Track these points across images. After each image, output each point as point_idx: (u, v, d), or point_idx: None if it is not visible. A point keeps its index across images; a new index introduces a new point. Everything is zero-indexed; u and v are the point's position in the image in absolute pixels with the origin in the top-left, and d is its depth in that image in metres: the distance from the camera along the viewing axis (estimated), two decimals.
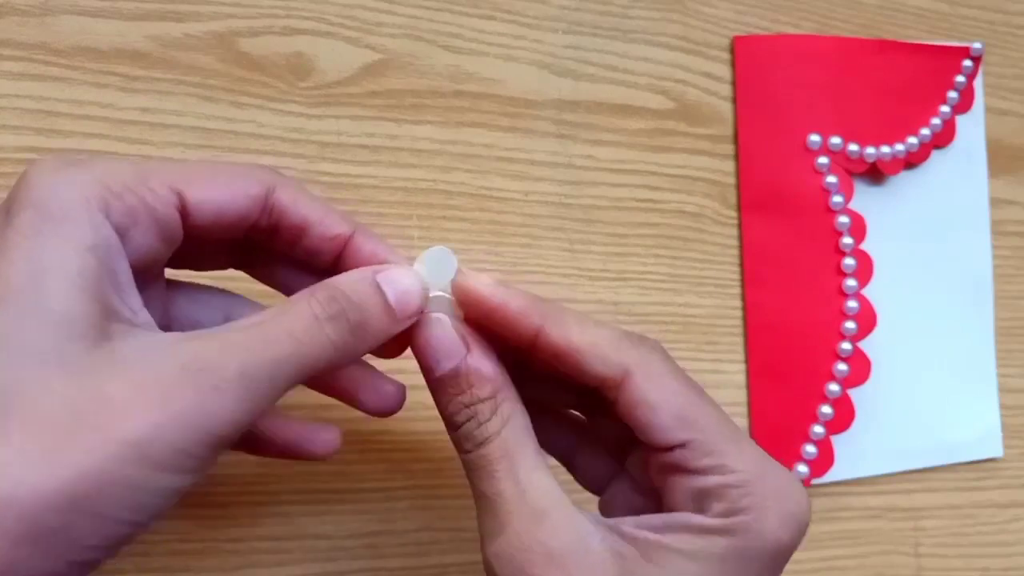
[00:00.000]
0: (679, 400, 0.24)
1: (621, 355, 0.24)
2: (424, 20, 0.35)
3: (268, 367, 0.21)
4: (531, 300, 0.25)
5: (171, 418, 0.20)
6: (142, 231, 0.22)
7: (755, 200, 0.39)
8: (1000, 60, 0.44)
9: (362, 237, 0.26)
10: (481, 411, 0.24)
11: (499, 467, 0.24)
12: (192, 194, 0.23)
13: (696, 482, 0.24)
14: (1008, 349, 0.43)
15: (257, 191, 0.24)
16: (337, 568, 0.33)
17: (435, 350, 0.25)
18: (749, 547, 0.23)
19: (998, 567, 0.42)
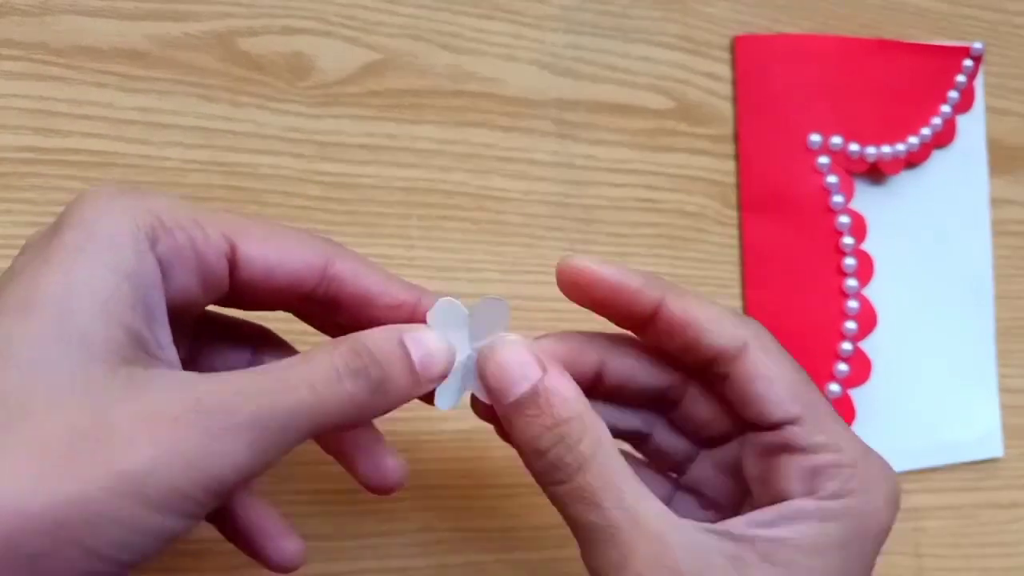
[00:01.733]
0: (792, 376, 0.24)
1: (739, 328, 0.24)
2: (424, 20, 0.35)
3: (282, 416, 0.20)
4: (648, 275, 0.24)
5: (174, 456, 0.19)
6: (186, 271, 0.22)
7: (755, 200, 0.39)
8: (1000, 60, 0.44)
9: (426, 301, 0.25)
10: (569, 433, 0.23)
11: (605, 496, 0.22)
12: (245, 247, 0.23)
13: (808, 460, 0.23)
14: (1008, 349, 0.43)
15: (314, 260, 0.24)
16: (337, 568, 0.33)
17: (506, 372, 0.23)
18: (863, 529, 0.23)
19: (998, 567, 0.42)
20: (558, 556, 0.35)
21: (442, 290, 0.34)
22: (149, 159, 0.32)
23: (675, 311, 0.24)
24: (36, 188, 0.31)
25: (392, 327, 0.23)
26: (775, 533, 0.23)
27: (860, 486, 0.23)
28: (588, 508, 0.22)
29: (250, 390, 0.20)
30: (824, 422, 0.24)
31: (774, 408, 0.24)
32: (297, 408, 0.21)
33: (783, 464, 0.24)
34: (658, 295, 0.24)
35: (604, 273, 0.24)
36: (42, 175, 0.31)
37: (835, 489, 0.23)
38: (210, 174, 0.32)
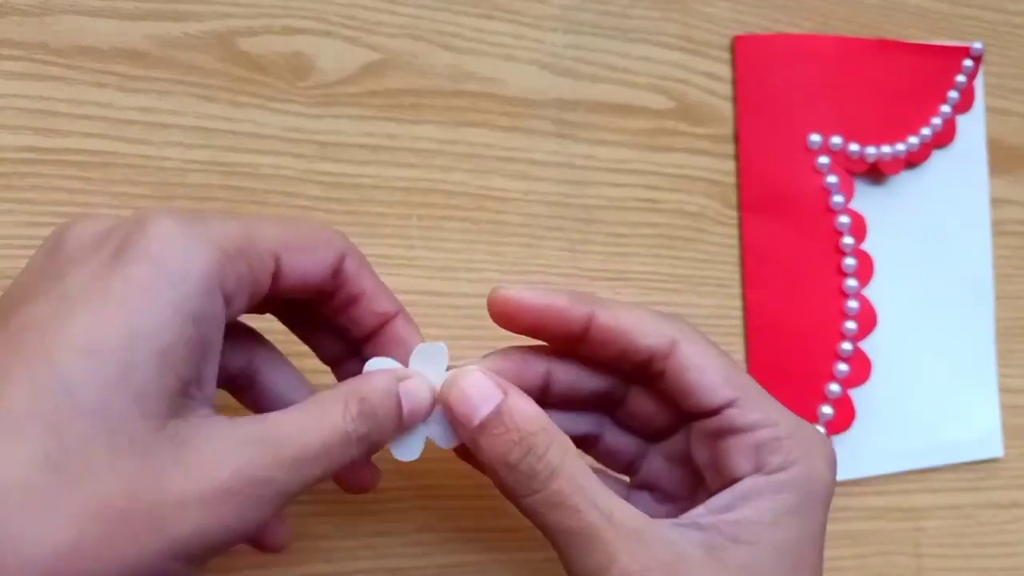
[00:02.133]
0: (722, 363, 0.26)
1: (666, 327, 0.26)
2: (424, 20, 0.35)
3: (303, 483, 0.22)
4: (574, 292, 0.26)
5: (218, 522, 0.20)
6: (243, 298, 0.23)
7: (755, 200, 0.39)
8: (1000, 60, 0.44)
9: (402, 321, 0.26)
10: (536, 444, 0.24)
11: (580, 500, 0.23)
12: (287, 260, 0.23)
13: (750, 439, 0.25)
14: (1008, 349, 0.43)
15: (334, 260, 0.25)
16: (337, 568, 0.33)
17: (470, 397, 0.24)
18: (811, 493, 0.24)
19: (998, 567, 0.42)
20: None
21: (442, 290, 0.35)
22: (149, 159, 0.32)
23: (605, 321, 0.25)
24: (36, 188, 0.31)
25: (389, 374, 0.25)
26: (737, 515, 0.24)
27: (801, 455, 0.25)
28: (566, 514, 0.23)
29: (281, 460, 0.21)
30: (758, 401, 0.25)
31: (711, 394, 0.25)
32: (315, 475, 0.22)
33: (728, 446, 0.25)
34: (587, 310, 0.25)
35: (530, 299, 0.25)
36: (42, 175, 0.31)
37: (779, 462, 0.24)
38: (210, 174, 0.32)
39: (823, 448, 0.25)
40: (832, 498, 0.25)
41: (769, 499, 0.24)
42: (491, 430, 0.24)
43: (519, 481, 0.24)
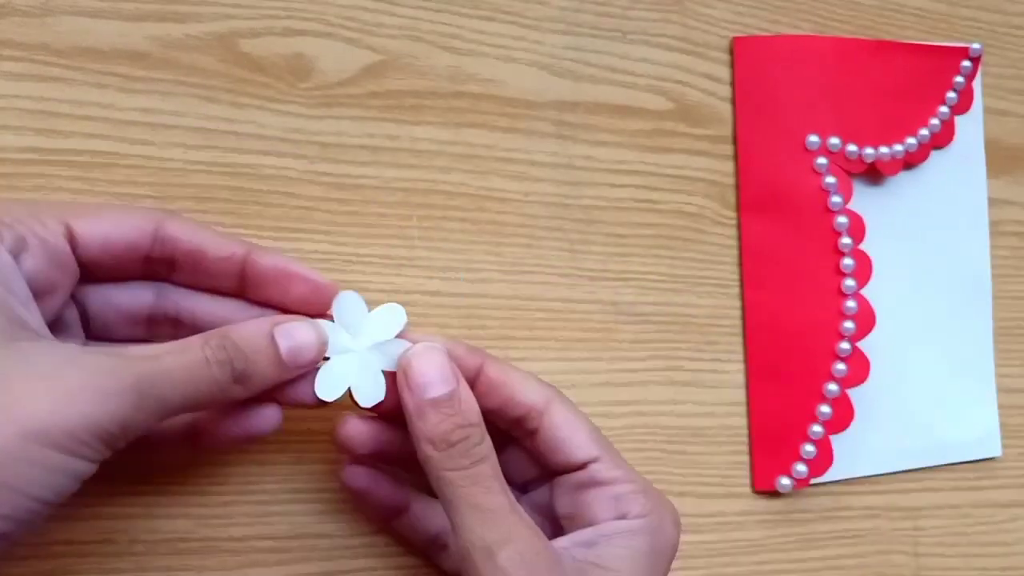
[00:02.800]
0: (588, 424, 0.30)
1: (544, 388, 0.30)
2: (424, 21, 0.35)
3: (159, 389, 0.24)
4: (469, 346, 0.30)
5: (70, 409, 0.22)
6: (34, 256, 0.25)
7: (754, 200, 0.39)
8: (999, 61, 0.44)
9: (257, 254, 0.28)
10: (474, 434, 0.27)
11: (495, 483, 0.27)
12: (79, 225, 0.26)
13: (612, 490, 0.29)
14: (1007, 349, 0.43)
15: (144, 224, 0.27)
16: (337, 568, 0.33)
17: (431, 373, 0.28)
18: (660, 541, 0.28)
19: (997, 567, 0.42)
20: None
21: (442, 290, 0.35)
22: (150, 160, 0.32)
23: (494, 374, 0.29)
24: (38, 189, 0.31)
25: (265, 320, 0.27)
26: (600, 549, 0.28)
27: (653, 508, 0.29)
28: (480, 490, 0.27)
29: (133, 364, 0.24)
30: (617, 460, 0.30)
31: (578, 450, 0.29)
32: (172, 385, 0.25)
33: (591, 496, 0.29)
34: (479, 361, 0.29)
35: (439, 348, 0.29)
36: (44, 175, 0.31)
37: (637, 511, 0.29)
38: (212, 175, 0.33)
39: (671, 509, 0.30)
40: (675, 552, 0.29)
41: (628, 539, 0.28)
42: (441, 408, 0.27)
43: (450, 456, 0.27)
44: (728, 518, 0.38)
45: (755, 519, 0.38)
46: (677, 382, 0.38)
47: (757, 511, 0.38)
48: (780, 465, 0.38)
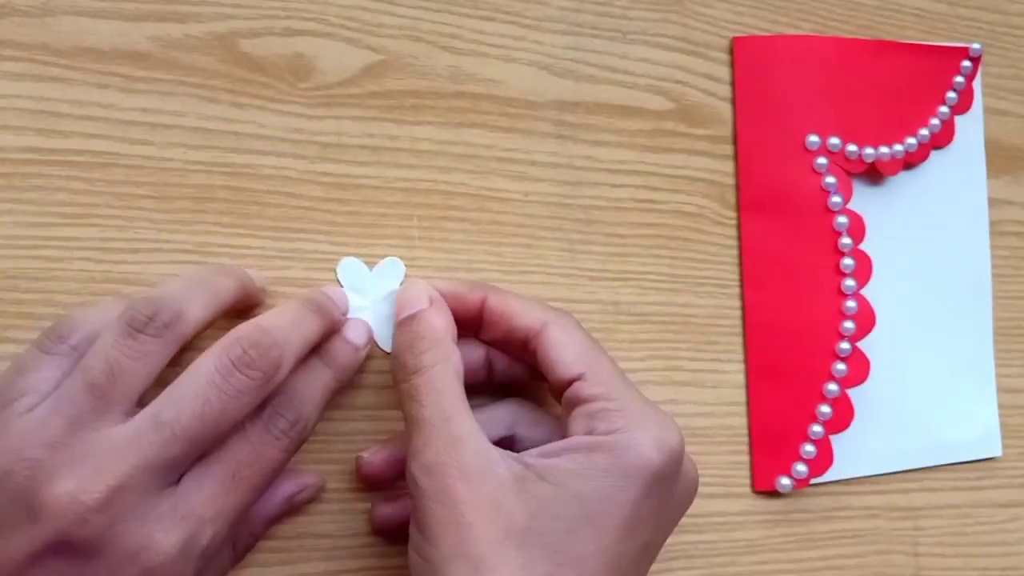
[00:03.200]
0: (580, 346, 0.30)
1: (542, 311, 0.31)
2: (424, 21, 0.35)
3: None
4: (473, 282, 0.32)
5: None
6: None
7: (754, 200, 0.39)
8: (999, 61, 0.44)
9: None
10: (418, 344, 0.29)
11: (427, 398, 0.28)
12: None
13: (587, 408, 0.29)
14: (1007, 349, 0.43)
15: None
16: (337, 567, 0.33)
17: (404, 299, 0.31)
18: (626, 463, 0.27)
19: (997, 567, 0.42)
20: None
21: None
22: (151, 160, 0.32)
23: (495, 302, 0.31)
24: (38, 189, 0.31)
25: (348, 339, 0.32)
26: (553, 461, 0.27)
27: (626, 427, 0.28)
28: (412, 404, 0.28)
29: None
30: (605, 380, 0.29)
31: (563, 369, 0.30)
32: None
33: (572, 414, 0.29)
34: (482, 293, 0.32)
35: (440, 287, 0.32)
36: (44, 175, 0.31)
37: (604, 428, 0.28)
38: (212, 175, 0.33)
39: (657, 431, 0.28)
40: (662, 484, 0.28)
41: (584, 454, 0.27)
42: (403, 327, 0.30)
43: (396, 367, 0.30)
44: (728, 518, 0.38)
45: (755, 519, 0.38)
46: (677, 382, 0.38)
47: (757, 511, 0.38)
48: (780, 465, 0.38)
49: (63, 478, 0.25)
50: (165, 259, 0.32)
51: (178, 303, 0.27)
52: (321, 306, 0.31)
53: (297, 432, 0.29)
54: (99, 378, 0.26)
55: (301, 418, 0.29)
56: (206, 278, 0.29)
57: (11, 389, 0.27)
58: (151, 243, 0.32)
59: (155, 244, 0.32)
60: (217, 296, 0.29)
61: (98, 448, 0.25)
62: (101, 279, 0.31)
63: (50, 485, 0.25)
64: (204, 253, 0.32)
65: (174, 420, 0.26)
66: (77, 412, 0.26)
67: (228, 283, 0.30)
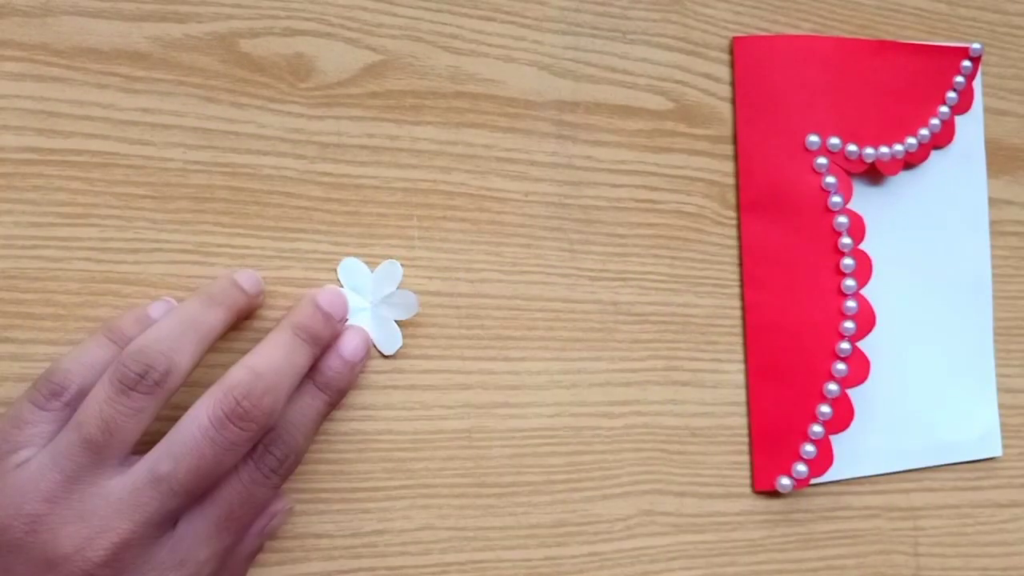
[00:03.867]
0: None
1: None
2: (424, 21, 0.35)
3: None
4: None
5: None
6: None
7: (754, 200, 0.39)
8: (999, 61, 0.44)
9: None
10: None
11: None
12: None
13: None
14: (1007, 349, 0.43)
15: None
16: (337, 567, 0.33)
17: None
18: None
19: (997, 567, 0.42)
20: (558, 555, 0.35)
21: (442, 290, 0.35)
22: (150, 160, 0.32)
23: None
24: (38, 189, 0.31)
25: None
26: None
27: None
28: None
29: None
30: None
31: None
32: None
33: None
34: None
35: None
36: (44, 175, 0.31)
37: None
38: (212, 175, 0.33)
39: None
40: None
41: None
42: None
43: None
44: (728, 518, 0.38)
45: (755, 519, 0.38)
46: (677, 382, 0.38)
47: (757, 511, 0.38)
48: (780, 465, 0.38)
49: (67, 536, 0.26)
50: (165, 259, 0.32)
51: (168, 357, 0.27)
52: (314, 334, 0.31)
53: (287, 467, 0.30)
54: (95, 435, 0.26)
55: (292, 452, 0.30)
56: (197, 316, 0.29)
57: (6, 442, 0.27)
58: (151, 243, 0.32)
59: (155, 244, 0.32)
60: (208, 336, 0.29)
61: (99, 504, 0.26)
62: (101, 279, 0.31)
63: (55, 543, 0.26)
64: (204, 253, 0.32)
65: (171, 475, 0.27)
66: (74, 467, 0.26)
67: (219, 316, 0.30)
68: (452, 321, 0.35)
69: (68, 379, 0.28)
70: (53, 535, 0.26)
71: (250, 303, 0.32)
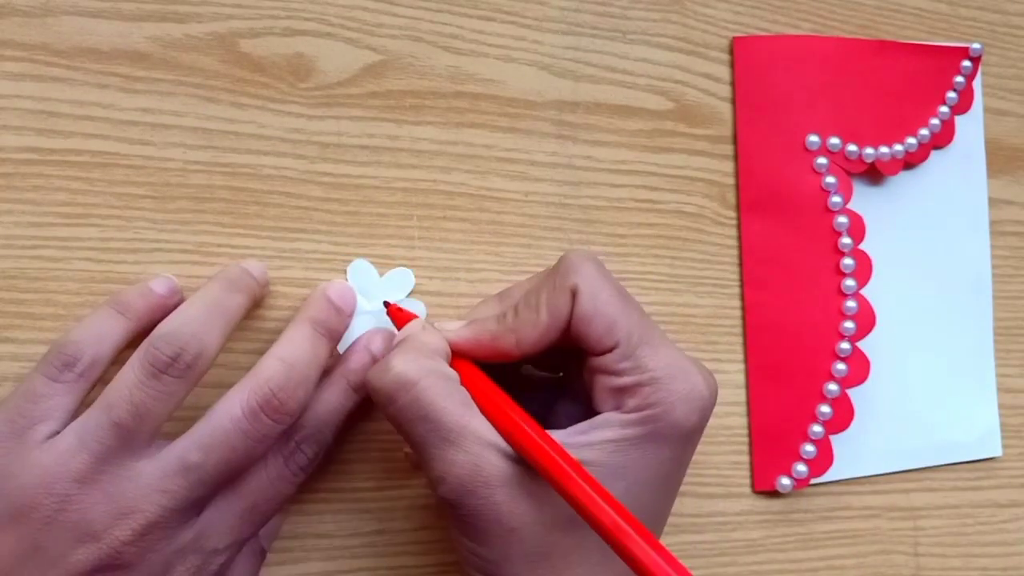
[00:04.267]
0: (613, 311, 0.28)
1: (568, 279, 0.28)
2: (424, 21, 0.35)
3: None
4: (491, 329, 0.29)
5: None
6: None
7: (754, 200, 0.39)
8: (999, 60, 0.44)
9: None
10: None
11: (430, 412, 0.27)
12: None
13: (613, 382, 0.28)
14: (1007, 349, 0.43)
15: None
16: (337, 567, 0.33)
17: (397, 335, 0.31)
18: (658, 434, 0.27)
19: (997, 567, 0.42)
20: None
21: (442, 290, 0.35)
22: (151, 160, 0.32)
23: (526, 341, 0.29)
24: (38, 189, 0.31)
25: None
26: (585, 439, 0.27)
27: (660, 399, 0.27)
28: (413, 424, 0.27)
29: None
30: (636, 350, 0.28)
31: (593, 342, 0.28)
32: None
33: (597, 385, 0.28)
34: (513, 339, 0.29)
35: (456, 340, 0.30)
36: (44, 175, 0.31)
37: (635, 404, 0.27)
38: (212, 175, 0.33)
39: (690, 397, 0.28)
40: (694, 438, 0.28)
41: (615, 431, 0.27)
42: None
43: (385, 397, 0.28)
44: (728, 518, 0.38)
45: (755, 519, 0.38)
46: None
47: (757, 511, 0.38)
48: (780, 465, 0.38)
49: (97, 515, 0.26)
50: (165, 259, 0.32)
51: (199, 339, 0.27)
52: (330, 328, 0.31)
53: (314, 465, 0.30)
54: (125, 418, 0.27)
55: (322, 449, 0.30)
56: (221, 301, 0.29)
57: (23, 417, 0.27)
58: (151, 243, 0.32)
59: (155, 244, 0.32)
60: (233, 319, 0.29)
61: (127, 486, 0.26)
62: (101, 279, 0.31)
63: (84, 521, 0.26)
64: (204, 253, 0.32)
65: (201, 465, 0.27)
66: (103, 448, 0.26)
67: (240, 300, 0.30)
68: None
69: (80, 350, 0.28)
70: (82, 514, 0.26)
71: (261, 291, 0.32)
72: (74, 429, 0.27)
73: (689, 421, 0.28)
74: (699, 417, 0.28)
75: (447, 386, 0.27)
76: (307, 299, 0.32)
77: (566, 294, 0.28)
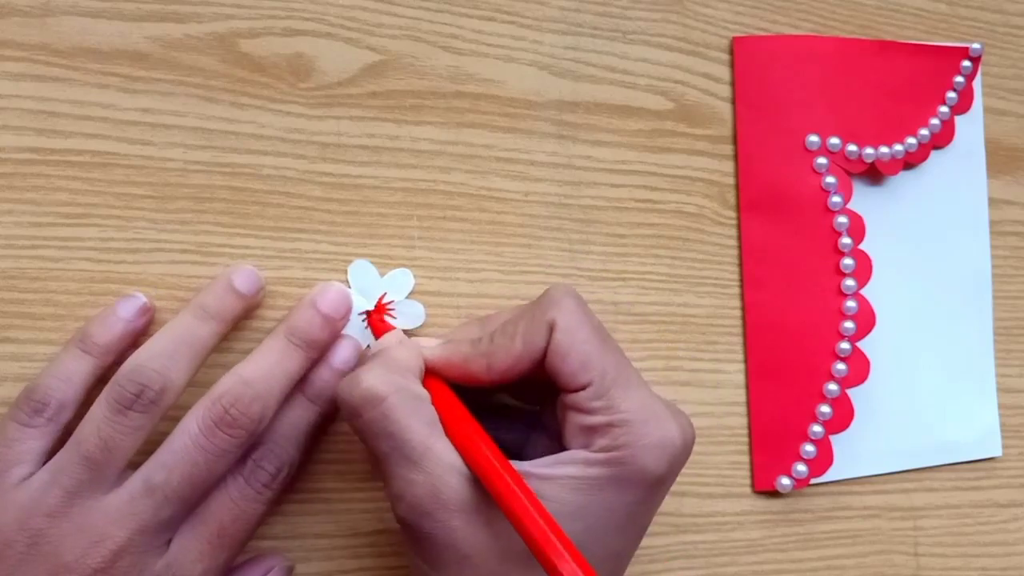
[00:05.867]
0: (587, 348, 0.28)
1: (548, 313, 0.28)
2: (424, 21, 0.35)
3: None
4: (464, 352, 0.29)
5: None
6: None
7: (754, 200, 0.39)
8: (999, 61, 0.44)
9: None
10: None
11: (393, 429, 0.27)
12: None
13: (586, 420, 0.28)
14: (1007, 349, 0.43)
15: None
16: (337, 567, 0.33)
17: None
18: (624, 477, 0.27)
19: (997, 567, 0.42)
20: None
21: (442, 290, 0.35)
22: (151, 160, 0.32)
23: (499, 366, 0.29)
24: (38, 189, 0.31)
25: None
26: (548, 472, 0.27)
27: (630, 441, 0.27)
28: (377, 440, 0.27)
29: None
30: (610, 390, 0.28)
31: (567, 378, 0.28)
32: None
33: (568, 421, 0.28)
34: (485, 363, 0.29)
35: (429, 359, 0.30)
36: (44, 175, 0.31)
37: (603, 444, 0.27)
38: (212, 175, 0.33)
39: (659, 437, 0.27)
40: (662, 486, 0.28)
41: (580, 469, 0.27)
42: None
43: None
44: (728, 518, 0.38)
45: (755, 519, 0.38)
46: (676, 382, 0.38)
47: (757, 511, 0.38)
48: (780, 465, 0.38)
49: (68, 548, 0.26)
50: (165, 259, 0.32)
51: (163, 376, 0.28)
52: (308, 339, 0.31)
53: (279, 481, 0.30)
54: (94, 452, 0.27)
55: (284, 464, 0.30)
56: (190, 331, 0.30)
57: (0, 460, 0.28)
58: (151, 243, 0.32)
59: (155, 244, 0.32)
60: (201, 351, 0.30)
61: (97, 517, 0.27)
62: (101, 279, 0.31)
63: (56, 554, 0.26)
64: (204, 253, 0.32)
65: (164, 484, 0.27)
66: (74, 483, 0.27)
67: (212, 329, 0.30)
68: (452, 321, 0.35)
69: (48, 395, 0.29)
70: (55, 547, 0.26)
71: (247, 306, 0.32)
72: (48, 468, 0.28)
73: (658, 468, 0.27)
74: (668, 465, 0.27)
75: (414, 405, 0.27)
76: (293, 307, 0.32)
77: (543, 327, 0.28)
